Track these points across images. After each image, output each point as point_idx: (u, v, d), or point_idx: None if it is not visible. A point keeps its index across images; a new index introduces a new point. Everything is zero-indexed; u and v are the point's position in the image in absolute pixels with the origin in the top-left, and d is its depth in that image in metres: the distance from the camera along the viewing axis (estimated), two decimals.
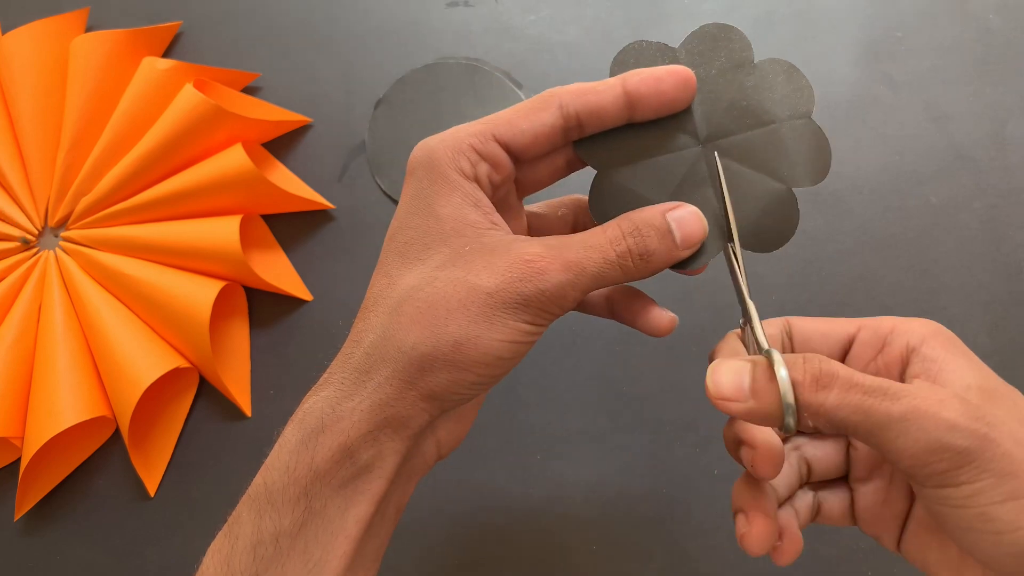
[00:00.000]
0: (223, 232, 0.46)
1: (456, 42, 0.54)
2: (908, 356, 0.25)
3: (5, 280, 0.49)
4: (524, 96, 0.52)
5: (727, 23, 0.27)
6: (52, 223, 0.51)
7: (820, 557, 0.42)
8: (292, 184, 0.51)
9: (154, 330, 0.47)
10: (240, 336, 0.49)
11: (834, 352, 0.28)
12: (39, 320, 0.48)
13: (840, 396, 0.22)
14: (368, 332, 0.25)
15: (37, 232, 0.51)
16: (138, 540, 0.46)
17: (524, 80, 0.53)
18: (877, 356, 0.26)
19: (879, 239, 0.48)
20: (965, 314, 0.46)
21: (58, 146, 0.51)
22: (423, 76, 0.53)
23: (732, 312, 0.46)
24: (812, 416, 0.22)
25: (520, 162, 0.27)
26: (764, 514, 0.26)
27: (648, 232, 0.25)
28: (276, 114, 0.52)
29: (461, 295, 0.24)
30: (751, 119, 0.27)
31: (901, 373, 0.25)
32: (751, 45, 0.27)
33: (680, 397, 0.46)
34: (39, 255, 0.50)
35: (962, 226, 0.47)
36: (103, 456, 0.47)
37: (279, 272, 0.49)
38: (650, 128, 0.27)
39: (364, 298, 0.27)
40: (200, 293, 0.45)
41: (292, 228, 0.51)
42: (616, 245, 0.25)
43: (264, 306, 0.50)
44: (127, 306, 0.48)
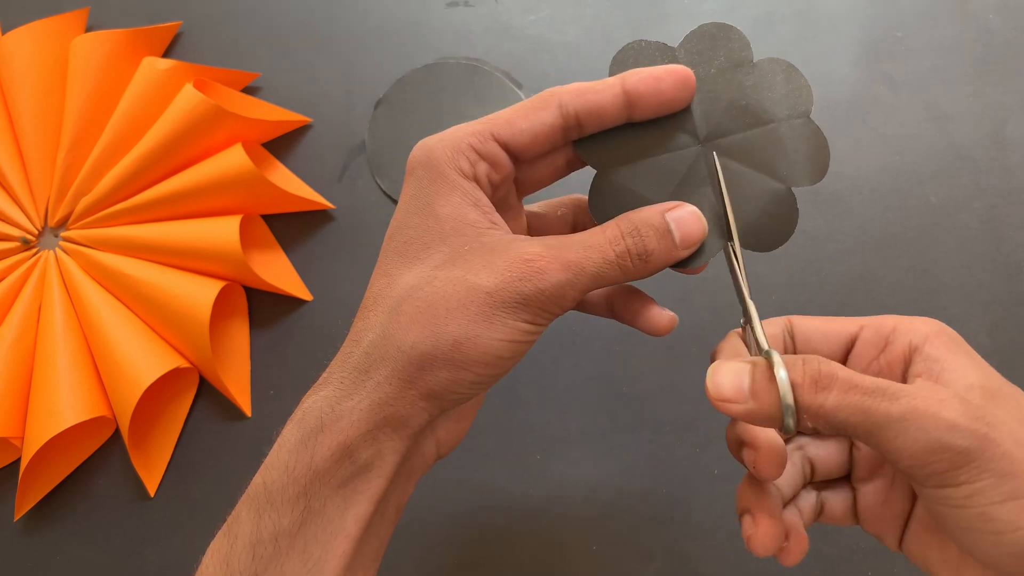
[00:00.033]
0: (223, 232, 0.46)
1: (456, 42, 0.54)
2: (911, 355, 0.25)
3: (5, 280, 0.49)
4: (524, 96, 0.52)
5: (726, 23, 0.27)
6: (52, 223, 0.51)
7: (820, 557, 0.42)
8: (292, 184, 0.51)
9: (154, 330, 0.47)
10: (240, 336, 0.49)
11: (836, 351, 0.28)
12: (39, 320, 0.48)
13: (839, 397, 0.22)
14: (367, 331, 0.25)
15: (37, 232, 0.51)
16: (138, 540, 0.46)
17: (524, 80, 0.53)
18: (880, 355, 0.26)
19: (879, 239, 0.48)
20: (965, 314, 0.46)
21: (58, 146, 0.51)
22: (423, 76, 0.53)
23: (732, 312, 0.47)
24: (811, 418, 0.22)
25: (520, 162, 0.27)
26: (770, 515, 0.26)
27: (647, 232, 0.25)
28: (276, 114, 0.52)
29: (461, 294, 0.24)
30: (750, 118, 0.27)
31: (904, 372, 0.25)
32: (750, 44, 0.27)
33: (680, 397, 0.46)
34: (39, 255, 0.50)
35: (962, 226, 0.47)
36: (103, 456, 0.47)
37: (279, 272, 0.49)
38: (649, 127, 0.27)
39: (363, 298, 0.27)
40: (200, 293, 0.45)
41: (292, 228, 0.51)
42: (615, 245, 0.25)
43: (264, 306, 0.50)
44: (127, 306, 0.48)
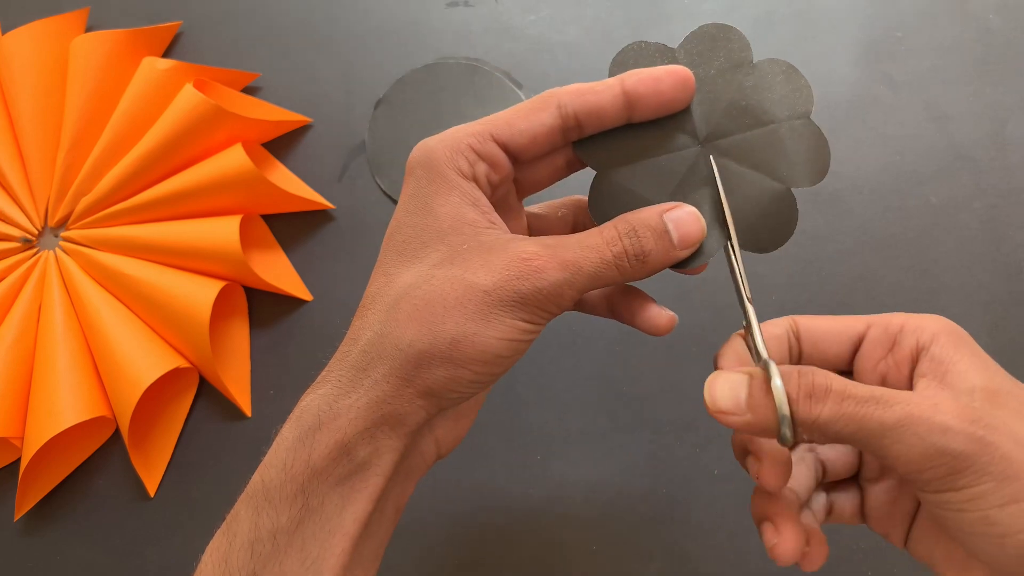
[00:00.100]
0: (223, 232, 0.46)
1: (456, 42, 0.54)
2: (918, 355, 0.25)
3: (5, 280, 0.49)
4: (524, 96, 0.52)
5: (726, 23, 0.27)
6: (52, 223, 0.51)
7: None
8: (292, 184, 0.51)
9: (154, 330, 0.47)
10: (240, 336, 0.49)
11: (844, 351, 0.27)
12: (39, 320, 0.48)
13: (834, 408, 0.22)
14: (365, 330, 0.25)
15: (37, 232, 0.51)
16: (138, 540, 0.46)
17: (524, 80, 0.53)
18: (887, 355, 0.26)
19: (879, 239, 0.48)
20: (965, 314, 0.46)
21: (58, 146, 0.51)
22: (423, 76, 0.53)
23: (732, 312, 0.46)
24: (807, 430, 0.23)
25: (519, 162, 0.27)
26: (792, 521, 0.26)
27: (644, 233, 0.25)
28: (276, 114, 0.52)
29: (458, 293, 0.24)
30: (750, 119, 0.27)
31: (911, 372, 0.25)
32: (750, 45, 0.27)
33: (680, 397, 0.46)
34: (39, 255, 0.50)
35: (962, 226, 0.47)
36: (103, 456, 0.47)
37: (279, 272, 0.49)
38: (649, 128, 0.27)
39: (363, 296, 0.27)
40: (200, 293, 0.45)
41: (292, 228, 0.51)
42: (612, 246, 0.25)
43: (264, 306, 0.50)
44: (127, 306, 0.48)
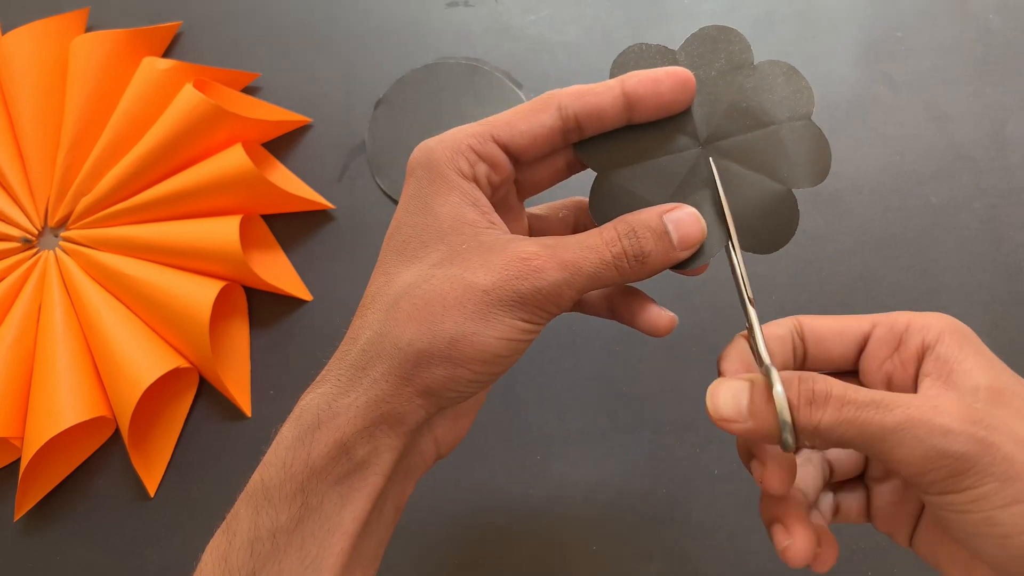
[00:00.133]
0: (223, 232, 0.46)
1: (456, 42, 0.54)
2: (923, 353, 0.25)
3: (5, 280, 0.49)
4: (524, 96, 0.52)
5: (726, 25, 0.27)
6: (52, 223, 0.51)
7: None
8: (292, 184, 0.51)
9: (154, 330, 0.47)
10: (240, 336, 0.49)
11: (849, 351, 0.27)
12: (39, 320, 0.48)
13: (834, 414, 0.22)
14: (365, 329, 0.25)
15: (37, 232, 0.51)
16: (138, 540, 0.46)
17: (524, 80, 0.53)
18: (893, 354, 0.26)
19: (879, 239, 0.48)
20: (965, 314, 0.45)
21: (58, 146, 0.51)
22: (423, 76, 0.53)
23: (732, 312, 0.47)
24: (809, 436, 0.23)
25: (520, 163, 0.27)
26: (803, 522, 0.26)
27: (644, 234, 0.25)
28: (276, 114, 0.52)
29: (458, 292, 0.24)
30: (751, 120, 0.27)
31: (917, 371, 0.25)
32: (751, 47, 0.27)
33: (680, 397, 0.46)
34: (39, 255, 0.50)
35: (962, 226, 0.47)
36: (103, 456, 0.47)
37: (279, 272, 0.49)
38: (650, 130, 0.27)
39: (363, 296, 0.27)
40: (200, 293, 0.45)
41: (292, 228, 0.51)
42: (612, 246, 0.25)
43: (264, 306, 0.50)
44: (127, 306, 0.48)
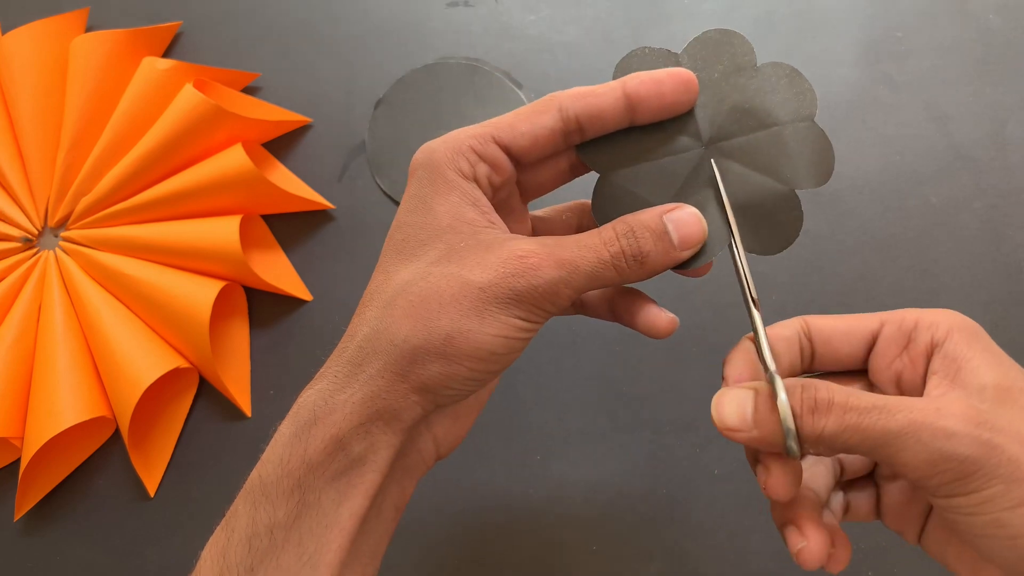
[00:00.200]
0: (223, 232, 0.46)
1: (456, 42, 0.54)
2: (932, 351, 0.25)
3: (5, 280, 0.49)
4: (524, 96, 0.52)
5: (729, 28, 0.27)
6: (52, 223, 0.51)
7: None
8: (292, 184, 0.51)
9: (154, 330, 0.47)
10: (240, 336, 0.49)
11: (858, 351, 0.27)
12: (39, 320, 0.48)
13: (837, 421, 0.22)
14: (362, 326, 0.26)
15: (37, 232, 0.51)
16: (138, 540, 0.46)
17: (524, 80, 0.53)
18: (902, 353, 0.26)
19: (879, 239, 0.48)
20: (965, 314, 0.46)
21: (58, 146, 0.51)
22: (423, 76, 0.53)
23: (733, 312, 0.47)
24: (813, 443, 0.23)
25: (521, 165, 0.27)
26: (816, 523, 0.26)
27: (643, 234, 0.25)
28: (276, 114, 0.52)
29: (454, 289, 0.24)
30: (754, 122, 0.27)
31: (927, 369, 0.25)
32: (753, 49, 0.27)
33: (680, 397, 0.46)
34: (39, 255, 0.50)
35: (962, 226, 0.47)
36: (103, 456, 0.47)
37: (279, 272, 0.49)
38: (652, 131, 0.27)
39: (362, 295, 0.27)
40: (200, 293, 0.45)
41: (292, 228, 0.51)
42: (610, 246, 0.25)
43: (264, 306, 0.50)
44: (127, 306, 0.48)
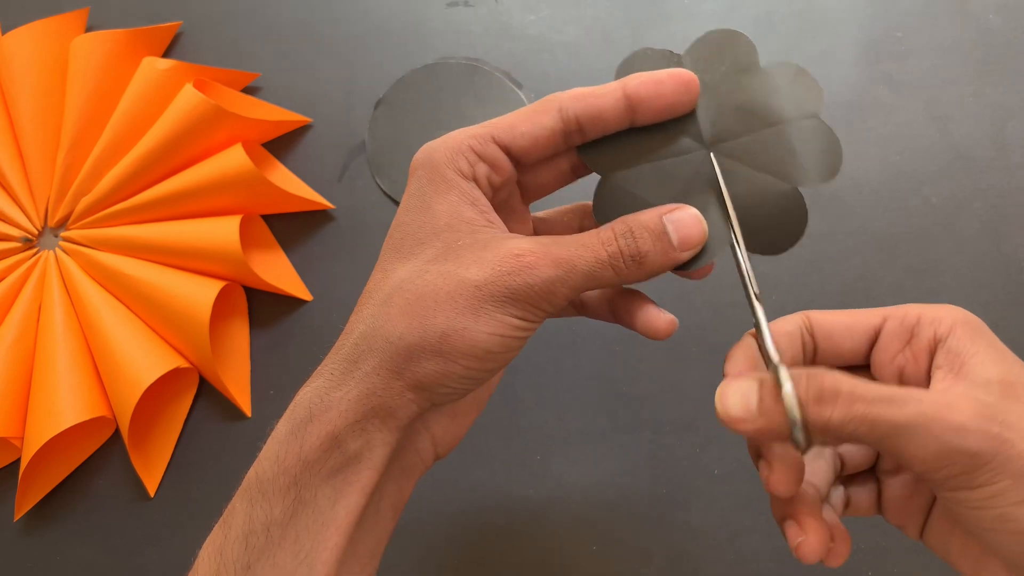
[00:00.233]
0: (223, 232, 0.46)
1: (456, 42, 0.54)
2: (936, 346, 0.25)
3: (5, 280, 0.49)
4: (524, 96, 0.52)
5: (733, 29, 0.27)
6: (52, 223, 0.51)
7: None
8: (292, 184, 0.51)
9: (154, 330, 0.47)
10: (240, 336, 0.49)
11: (860, 346, 0.27)
12: (39, 320, 0.48)
13: (844, 410, 0.22)
14: (359, 323, 0.26)
15: (37, 232, 0.51)
16: (138, 540, 0.46)
17: (524, 80, 0.53)
18: (905, 348, 0.26)
19: (879, 239, 0.48)
20: None
21: (58, 146, 0.51)
22: (423, 76, 0.53)
23: (733, 311, 0.47)
24: (820, 433, 0.22)
25: (522, 165, 0.27)
26: (816, 518, 0.26)
27: (641, 234, 0.25)
28: (276, 114, 0.52)
29: (450, 287, 0.24)
30: (757, 121, 0.27)
31: (930, 364, 0.25)
32: (756, 50, 0.27)
33: (680, 397, 0.46)
34: (39, 255, 0.50)
35: (962, 226, 0.47)
36: (103, 456, 0.47)
37: (279, 272, 0.49)
38: (654, 132, 0.27)
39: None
40: (200, 293, 0.45)
41: (292, 228, 0.51)
42: (608, 246, 0.25)
43: (264, 306, 0.50)
44: (127, 306, 0.48)
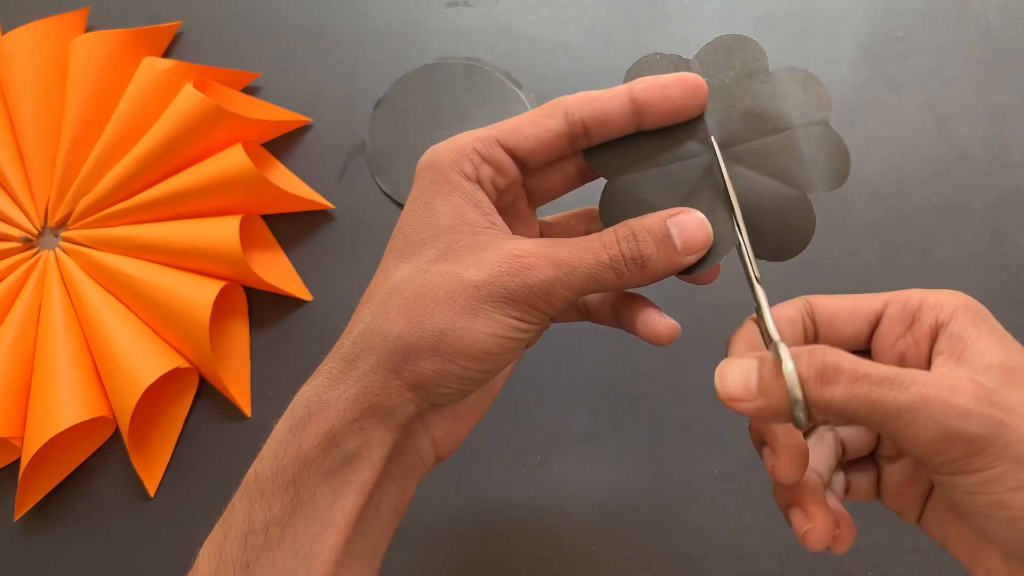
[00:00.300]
0: (223, 232, 0.46)
1: (456, 42, 0.54)
2: (937, 331, 0.25)
3: (5, 280, 0.49)
4: (524, 96, 0.52)
5: (742, 34, 0.27)
6: (52, 223, 0.51)
7: (820, 556, 0.42)
8: (292, 184, 0.51)
9: (154, 330, 0.47)
10: (240, 336, 0.49)
11: (861, 331, 0.27)
12: (39, 320, 0.48)
13: (846, 389, 0.21)
14: (358, 322, 0.26)
15: (37, 232, 0.51)
16: (138, 540, 0.46)
17: (524, 80, 0.53)
18: (907, 333, 0.26)
19: (879, 239, 0.48)
20: None
21: (58, 146, 0.51)
22: (423, 76, 0.53)
23: (733, 311, 0.46)
24: (820, 411, 0.22)
25: (528, 169, 0.27)
26: (821, 505, 0.26)
27: (644, 237, 0.25)
28: (276, 114, 0.52)
29: (449, 287, 0.24)
30: (765, 126, 0.26)
31: (931, 349, 0.25)
32: (766, 54, 0.27)
33: (680, 397, 0.46)
34: (39, 255, 0.50)
35: (962, 226, 0.47)
36: (103, 456, 0.47)
37: (279, 272, 0.49)
38: (661, 136, 0.27)
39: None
40: (200, 293, 0.45)
41: (292, 228, 0.51)
42: (609, 248, 0.25)
43: (264, 306, 0.50)
44: (127, 306, 0.48)
